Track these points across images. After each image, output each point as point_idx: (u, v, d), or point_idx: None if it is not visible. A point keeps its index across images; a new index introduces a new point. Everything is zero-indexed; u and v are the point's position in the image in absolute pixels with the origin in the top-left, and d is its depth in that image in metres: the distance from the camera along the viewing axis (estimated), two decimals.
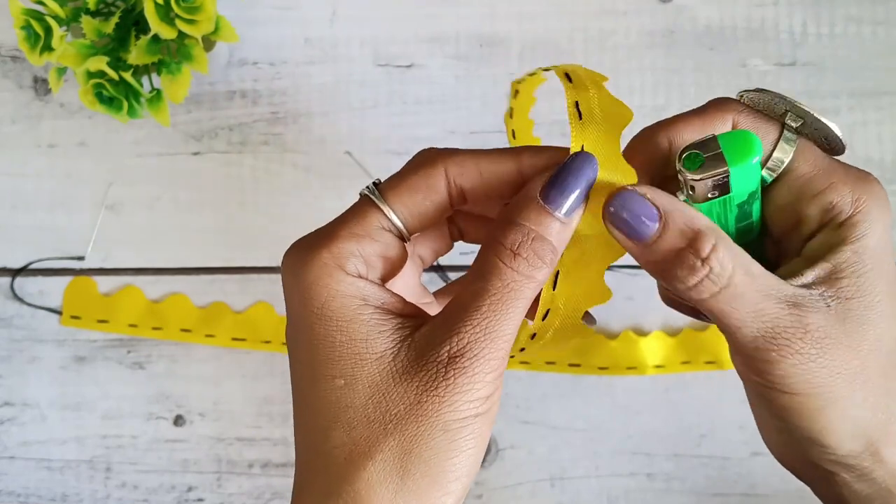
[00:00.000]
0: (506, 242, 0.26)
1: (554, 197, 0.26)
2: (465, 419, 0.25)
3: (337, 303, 0.26)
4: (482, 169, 0.28)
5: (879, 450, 0.27)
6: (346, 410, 0.26)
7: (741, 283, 0.25)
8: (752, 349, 0.26)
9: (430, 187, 0.28)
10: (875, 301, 0.27)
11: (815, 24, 0.50)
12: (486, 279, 0.26)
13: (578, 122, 0.26)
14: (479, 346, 0.25)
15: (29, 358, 0.51)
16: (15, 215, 0.51)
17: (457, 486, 0.25)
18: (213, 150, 0.51)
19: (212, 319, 0.50)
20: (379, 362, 0.26)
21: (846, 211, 0.27)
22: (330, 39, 0.51)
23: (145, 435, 0.50)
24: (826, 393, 0.26)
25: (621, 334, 0.49)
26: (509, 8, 0.51)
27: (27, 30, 0.44)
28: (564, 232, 0.26)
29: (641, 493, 0.49)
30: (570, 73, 0.27)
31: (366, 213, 0.28)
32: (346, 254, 0.27)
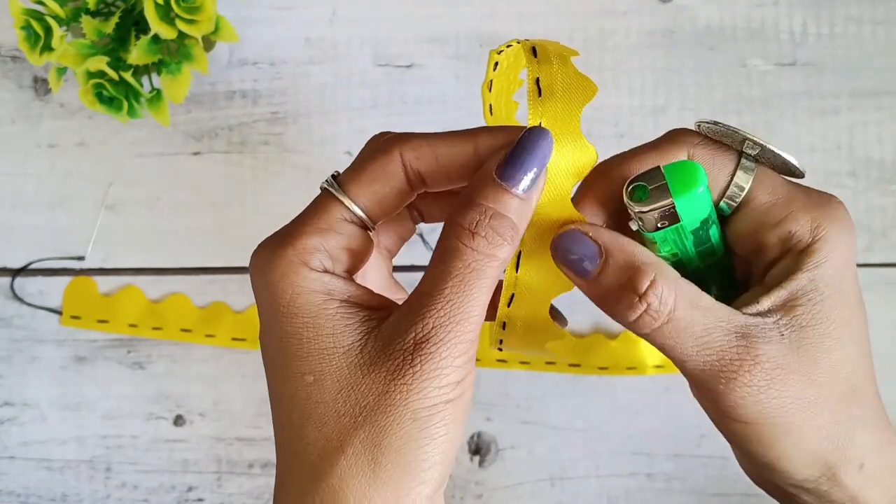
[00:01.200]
0: (464, 222, 0.25)
1: (510, 174, 0.26)
2: (434, 406, 0.25)
3: (302, 299, 0.26)
4: (438, 153, 0.27)
5: (837, 474, 0.27)
6: (317, 406, 0.25)
7: (684, 317, 0.26)
8: (701, 381, 0.26)
9: (388, 174, 0.27)
10: (831, 328, 0.27)
11: (815, 24, 0.50)
12: (447, 262, 0.25)
13: (537, 98, 0.26)
14: (445, 330, 0.25)
15: (29, 358, 0.51)
16: (15, 215, 0.51)
17: (431, 475, 0.25)
18: (213, 150, 0.51)
19: (212, 319, 0.50)
20: (346, 356, 0.26)
21: (805, 239, 0.27)
22: (330, 39, 0.51)
23: (145, 435, 0.50)
24: (780, 422, 0.26)
25: (621, 334, 0.49)
26: (509, 8, 0.51)
27: (27, 30, 0.44)
28: (524, 208, 0.26)
29: (641, 493, 0.49)
30: (537, 46, 0.27)
31: (327, 206, 0.27)
32: (310, 249, 0.26)
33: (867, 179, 0.50)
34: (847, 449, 0.27)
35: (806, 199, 0.28)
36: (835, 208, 0.28)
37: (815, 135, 0.50)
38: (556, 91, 0.26)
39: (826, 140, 0.50)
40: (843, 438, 0.27)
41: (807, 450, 0.27)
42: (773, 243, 0.28)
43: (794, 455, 0.27)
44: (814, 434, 0.27)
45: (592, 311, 0.50)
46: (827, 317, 0.27)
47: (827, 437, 0.27)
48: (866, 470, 0.27)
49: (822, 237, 0.27)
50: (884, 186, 0.50)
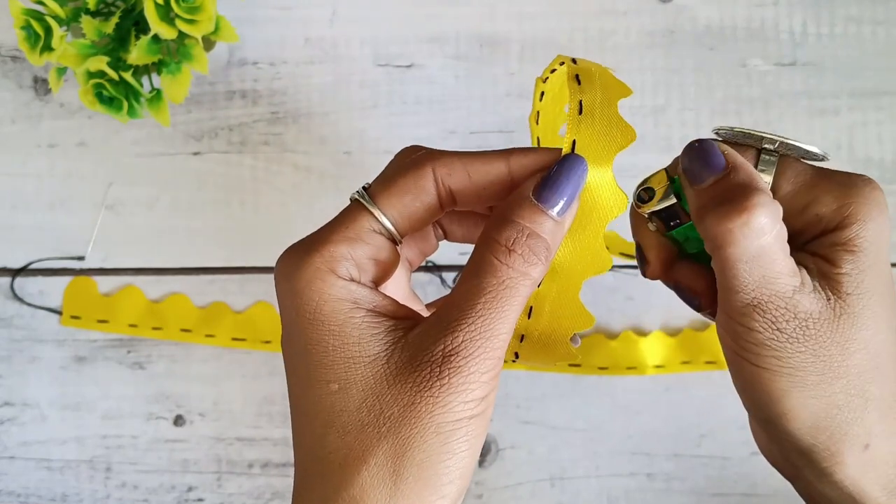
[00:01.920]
0: (500, 239, 0.26)
1: (547, 196, 0.26)
2: (459, 421, 0.25)
3: (329, 307, 0.26)
4: (471, 170, 0.28)
5: (841, 449, 0.27)
6: (341, 415, 0.25)
7: (770, 250, 0.26)
8: (739, 312, 0.27)
9: (420, 189, 0.28)
10: (871, 301, 0.27)
11: (815, 24, 0.50)
12: (481, 276, 0.26)
13: (577, 116, 0.27)
14: (475, 345, 0.25)
15: (29, 358, 0.51)
16: (15, 215, 0.51)
17: (451, 489, 0.25)
18: (213, 150, 0.51)
19: (212, 319, 0.50)
20: (372, 365, 0.26)
21: (833, 219, 0.27)
22: (330, 39, 0.51)
23: (145, 435, 0.50)
24: (794, 375, 0.26)
25: (621, 334, 0.49)
26: (509, 8, 0.51)
27: (27, 30, 0.44)
28: (558, 231, 0.26)
29: (641, 493, 0.49)
30: (581, 74, 0.28)
31: (356, 216, 0.27)
32: (338, 257, 0.26)
33: None
34: (855, 425, 0.27)
35: (830, 182, 0.28)
36: (862, 186, 0.28)
37: (815, 135, 0.50)
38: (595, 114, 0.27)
39: (826, 140, 0.50)
40: (853, 412, 0.27)
41: (814, 412, 0.27)
42: (802, 229, 0.28)
43: (800, 414, 0.27)
44: (826, 398, 0.27)
45: (593, 311, 0.49)
46: (868, 289, 0.27)
47: (838, 406, 0.27)
48: (870, 452, 0.27)
49: (850, 214, 0.27)
50: (884, 186, 0.50)
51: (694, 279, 0.30)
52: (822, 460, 0.27)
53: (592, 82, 0.27)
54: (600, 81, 0.28)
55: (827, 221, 0.28)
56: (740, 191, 0.26)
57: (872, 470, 0.27)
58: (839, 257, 0.27)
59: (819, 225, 0.28)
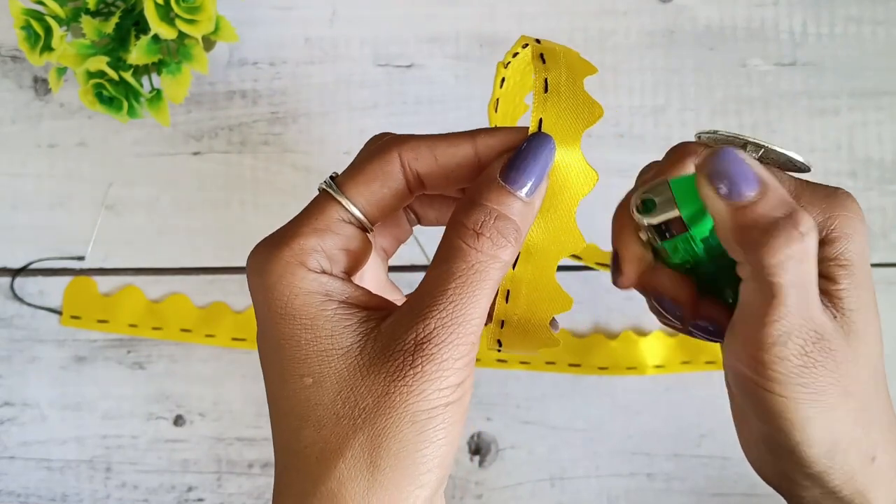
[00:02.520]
0: (468, 223, 0.25)
1: (515, 177, 0.26)
2: (434, 409, 0.25)
3: (300, 300, 0.26)
4: (437, 153, 0.27)
5: (852, 468, 0.27)
6: (316, 409, 0.25)
7: (815, 274, 0.25)
8: (773, 340, 0.25)
9: (387, 175, 0.27)
10: (867, 314, 0.27)
11: (815, 24, 0.50)
12: (451, 262, 0.25)
13: (543, 94, 0.26)
14: (447, 331, 0.25)
15: (29, 358, 0.51)
16: (15, 215, 0.51)
17: (430, 478, 0.25)
18: (213, 150, 0.51)
19: (212, 319, 0.50)
20: (345, 357, 0.25)
21: (821, 232, 0.27)
22: (330, 39, 0.51)
23: (145, 435, 0.50)
24: (816, 401, 0.26)
25: (621, 334, 0.49)
26: (509, 8, 0.51)
27: (27, 30, 0.44)
28: (527, 211, 0.26)
29: (641, 493, 0.49)
30: (545, 53, 0.27)
31: (325, 206, 0.27)
32: (308, 250, 0.26)
33: (867, 179, 0.50)
34: (864, 440, 0.27)
35: (812, 194, 0.28)
36: (842, 199, 0.28)
37: (815, 135, 0.50)
38: (562, 91, 0.26)
39: (826, 140, 0.50)
40: (863, 428, 0.27)
41: (834, 435, 0.26)
42: None
43: (823, 439, 0.26)
44: (843, 418, 0.26)
45: (592, 311, 0.50)
46: (864, 304, 0.27)
47: (852, 424, 0.27)
48: (877, 465, 0.27)
49: (836, 227, 0.27)
50: (884, 186, 0.50)
51: (677, 289, 0.30)
52: (833, 480, 0.27)
53: (557, 60, 0.27)
54: (565, 60, 0.27)
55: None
56: (790, 214, 0.25)
57: (879, 481, 0.27)
58: (835, 273, 0.27)
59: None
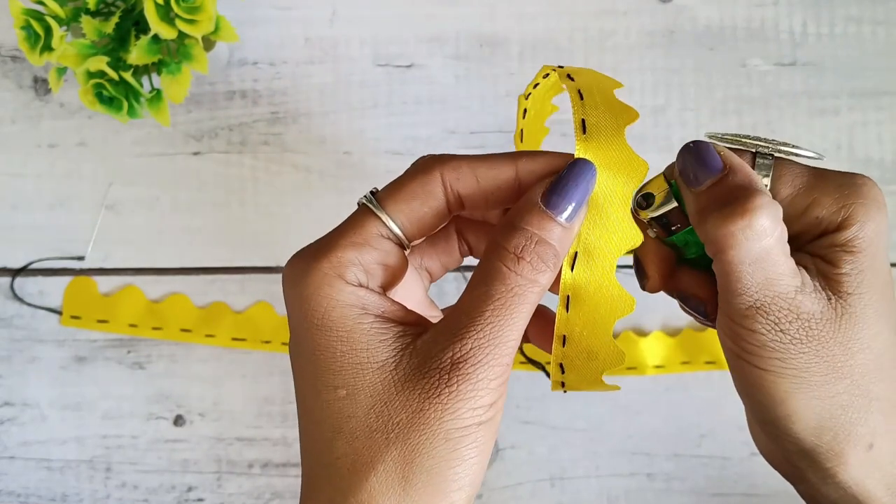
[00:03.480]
0: (509, 246, 0.26)
1: (555, 202, 0.26)
2: (467, 427, 0.25)
3: (337, 312, 0.26)
4: (479, 174, 0.28)
5: (844, 450, 0.27)
6: (349, 421, 0.25)
7: (773, 252, 0.26)
8: (741, 315, 0.26)
9: (428, 194, 0.28)
10: (873, 300, 0.27)
11: (815, 24, 0.50)
12: (490, 284, 0.26)
13: (582, 135, 0.27)
14: (483, 352, 0.25)
15: (29, 358, 0.51)
16: (15, 215, 0.51)
17: (460, 496, 0.25)
18: (213, 150, 0.51)
19: (212, 319, 0.50)
20: (380, 371, 0.26)
21: (834, 221, 0.27)
22: (330, 39, 0.51)
23: (145, 435, 0.50)
24: (797, 377, 0.26)
25: (621, 334, 0.49)
26: (509, 8, 0.51)
27: (27, 30, 0.44)
28: (566, 237, 0.26)
29: (641, 493, 0.49)
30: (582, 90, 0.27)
31: (364, 221, 0.27)
32: (346, 263, 0.26)
33: None
34: (859, 425, 0.27)
35: (828, 183, 0.28)
36: (860, 186, 0.28)
37: (815, 135, 0.50)
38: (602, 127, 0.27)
39: (826, 140, 0.50)
40: (857, 412, 0.27)
41: (818, 413, 0.27)
42: (802, 231, 0.28)
43: (803, 416, 0.27)
44: (830, 399, 0.27)
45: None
46: (868, 289, 0.27)
47: (842, 407, 0.27)
48: (874, 452, 0.27)
49: (850, 215, 0.27)
50: (884, 186, 0.50)
51: (698, 286, 0.30)
52: (825, 461, 0.27)
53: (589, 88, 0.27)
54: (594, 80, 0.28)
55: (827, 223, 0.28)
56: (740, 192, 0.26)
57: (877, 470, 0.27)
58: (839, 258, 0.27)
59: (819, 227, 0.28)
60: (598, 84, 0.28)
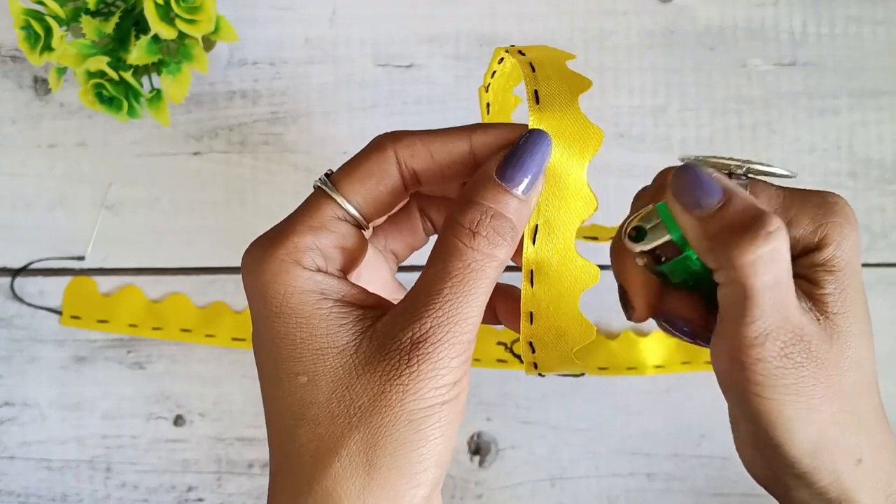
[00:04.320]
0: (464, 221, 0.25)
1: (511, 175, 0.26)
2: (430, 407, 0.25)
3: (295, 299, 0.26)
4: (433, 150, 0.27)
5: (838, 467, 0.27)
6: (311, 407, 0.25)
7: (787, 274, 0.26)
8: (749, 343, 0.26)
9: (382, 172, 0.27)
10: (856, 318, 0.27)
11: (815, 24, 0.50)
12: (446, 261, 0.25)
13: (535, 106, 0.26)
14: (443, 330, 0.25)
15: (29, 358, 0.51)
16: (15, 215, 0.51)
17: (426, 477, 0.25)
18: (213, 150, 0.51)
19: (212, 319, 0.50)
20: (341, 356, 0.25)
21: (812, 240, 0.28)
22: (330, 39, 0.51)
23: (145, 435, 0.50)
24: (799, 402, 0.26)
25: (621, 334, 0.49)
26: (509, 8, 0.51)
27: (27, 30, 0.44)
28: (523, 209, 0.26)
29: (641, 493, 0.49)
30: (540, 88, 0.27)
31: (320, 204, 0.27)
32: (303, 248, 0.26)
33: (867, 179, 0.50)
34: (850, 442, 0.27)
35: (804, 203, 0.28)
36: (833, 205, 0.28)
37: (815, 135, 0.50)
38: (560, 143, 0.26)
39: (826, 140, 0.50)
40: (848, 430, 0.27)
41: (817, 436, 0.27)
42: None
43: (805, 440, 0.27)
44: (826, 419, 0.27)
45: (592, 311, 0.50)
46: (851, 307, 0.27)
47: (836, 425, 0.27)
48: (863, 467, 0.27)
49: (826, 234, 0.27)
50: (884, 186, 0.50)
51: (683, 308, 0.30)
52: (820, 480, 0.27)
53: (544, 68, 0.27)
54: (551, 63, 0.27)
55: (805, 243, 0.28)
56: (756, 216, 0.25)
57: (867, 483, 0.28)
58: (821, 278, 0.27)
59: (797, 246, 0.28)
60: (549, 56, 0.28)
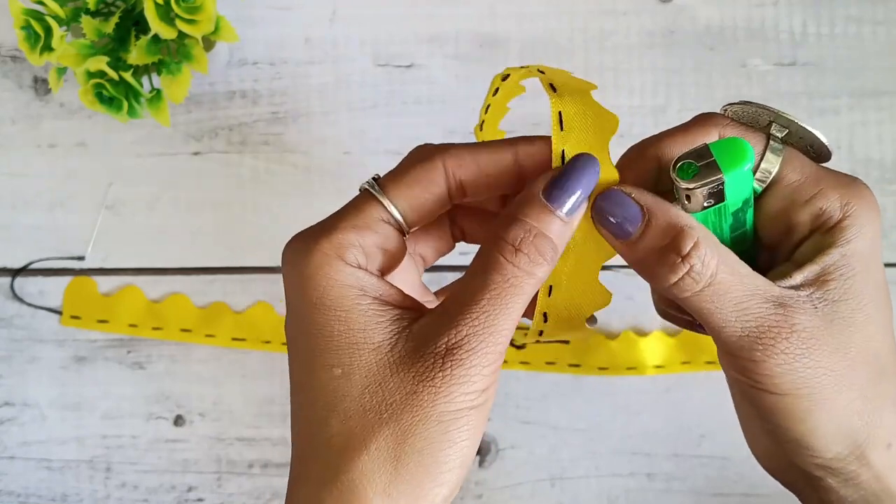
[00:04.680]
0: (508, 238, 0.26)
1: (556, 196, 0.26)
2: (459, 411, 0.25)
3: (335, 292, 0.26)
4: (479, 161, 0.28)
5: (865, 453, 0.27)
6: (343, 400, 0.26)
7: (725, 281, 0.26)
8: (737, 348, 0.26)
9: (430, 181, 0.28)
10: (863, 304, 0.27)
11: (815, 24, 0.50)
12: (487, 273, 0.26)
13: (560, 132, 0.27)
14: (478, 339, 0.25)
15: (29, 358, 0.51)
16: (15, 215, 0.51)
17: (450, 478, 0.25)
18: (213, 150, 0.51)
19: (212, 319, 0.50)
20: (376, 352, 0.26)
21: (835, 216, 0.27)
22: (330, 39, 0.51)
23: (145, 435, 0.50)
24: (813, 394, 0.26)
25: (621, 334, 0.49)
26: (509, 8, 0.51)
27: (27, 30, 0.44)
28: (565, 231, 0.27)
29: (641, 493, 0.49)
30: (555, 83, 0.27)
31: (366, 205, 0.28)
32: (346, 244, 0.27)
33: (867, 179, 0.50)
34: (876, 426, 0.27)
35: (834, 179, 0.28)
36: (861, 188, 0.28)
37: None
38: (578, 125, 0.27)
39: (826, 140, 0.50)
40: (872, 415, 0.27)
41: (838, 424, 0.27)
42: (803, 221, 0.28)
43: (826, 429, 0.27)
44: (846, 407, 0.27)
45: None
46: (859, 292, 0.27)
47: (857, 413, 0.27)
48: (894, 450, 0.27)
49: (851, 214, 0.27)
50: (884, 186, 0.50)
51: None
52: (848, 467, 0.27)
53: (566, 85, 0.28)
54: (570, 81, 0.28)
55: (828, 216, 0.27)
56: (673, 237, 0.26)
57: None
58: (831, 261, 0.27)
59: (819, 219, 0.28)
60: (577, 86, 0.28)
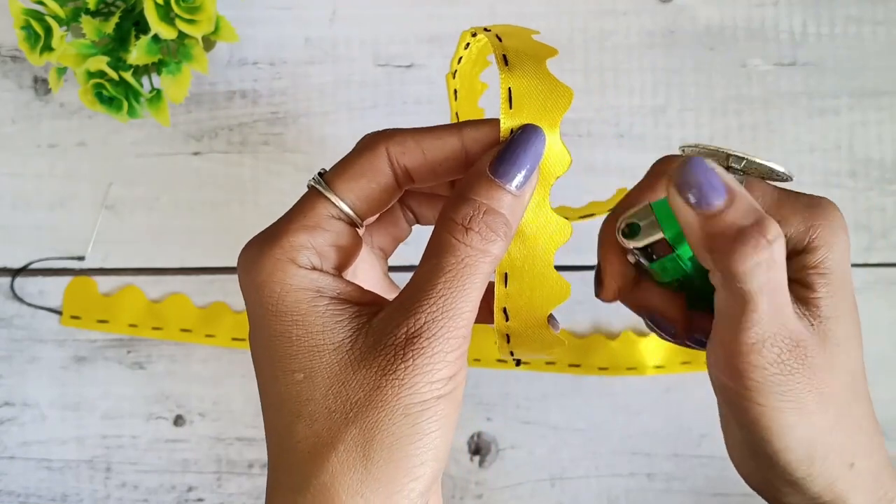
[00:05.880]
0: (457, 217, 0.25)
1: (504, 170, 0.26)
2: (426, 402, 0.25)
3: (291, 297, 0.26)
4: (424, 147, 0.27)
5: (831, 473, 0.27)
6: (307, 404, 0.25)
7: (785, 280, 0.26)
8: (748, 348, 0.26)
9: (375, 170, 0.27)
10: (846, 323, 0.27)
11: (815, 24, 0.50)
12: (440, 256, 0.25)
13: (508, 111, 0.26)
14: (437, 325, 0.25)
15: (29, 358, 0.51)
16: (15, 215, 0.51)
17: (424, 471, 0.25)
18: (213, 150, 0.51)
19: (212, 319, 0.50)
20: (337, 352, 0.25)
21: (802, 241, 0.27)
22: (330, 39, 0.51)
23: (145, 435, 0.50)
24: (794, 409, 0.26)
25: (621, 334, 0.49)
26: (509, 8, 0.51)
27: (27, 30, 0.44)
28: (517, 205, 0.26)
29: (641, 493, 0.49)
30: (508, 53, 0.27)
31: (314, 203, 0.27)
32: (297, 247, 0.26)
33: (867, 179, 0.50)
34: (843, 447, 0.27)
35: (795, 203, 0.28)
36: (825, 208, 0.28)
37: (815, 135, 0.50)
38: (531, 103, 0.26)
39: (826, 140, 0.50)
40: (841, 435, 0.27)
41: (813, 442, 0.27)
42: None
43: (801, 446, 0.27)
44: (821, 425, 0.27)
45: (592, 311, 0.50)
46: (842, 311, 0.27)
47: (830, 431, 0.27)
48: (855, 471, 0.27)
49: (817, 236, 0.27)
50: (884, 186, 0.50)
51: (668, 307, 0.30)
52: (813, 486, 0.27)
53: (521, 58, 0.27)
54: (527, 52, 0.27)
55: (795, 243, 0.28)
56: (758, 221, 0.25)
57: (858, 487, 0.28)
58: (813, 281, 0.27)
59: (787, 246, 0.28)
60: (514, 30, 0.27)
